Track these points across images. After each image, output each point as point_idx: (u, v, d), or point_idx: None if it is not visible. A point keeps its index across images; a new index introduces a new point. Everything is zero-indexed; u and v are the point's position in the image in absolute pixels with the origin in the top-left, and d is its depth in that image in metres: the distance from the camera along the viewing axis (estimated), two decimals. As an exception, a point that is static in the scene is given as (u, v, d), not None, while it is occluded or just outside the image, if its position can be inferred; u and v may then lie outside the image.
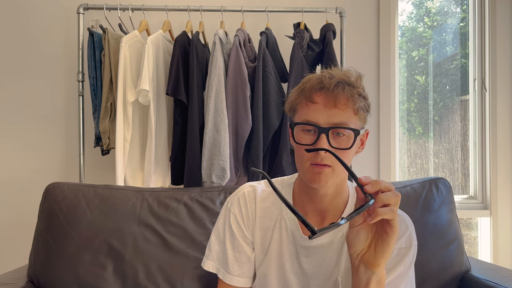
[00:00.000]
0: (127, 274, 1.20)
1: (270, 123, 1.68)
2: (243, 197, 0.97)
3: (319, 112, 0.80)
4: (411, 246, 0.84)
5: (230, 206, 0.98)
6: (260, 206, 0.96)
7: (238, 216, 0.96)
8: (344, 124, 0.79)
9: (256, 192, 0.97)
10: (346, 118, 0.80)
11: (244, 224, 0.95)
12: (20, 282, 1.21)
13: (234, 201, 0.98)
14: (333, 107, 0.79)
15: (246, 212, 0.96)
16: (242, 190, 0.99)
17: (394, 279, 0.81)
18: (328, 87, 0.80)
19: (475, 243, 2.31)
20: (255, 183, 1.01)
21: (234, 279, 0.94)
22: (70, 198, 1.27)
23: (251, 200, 0.96)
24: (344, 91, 0.79)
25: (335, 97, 0.79)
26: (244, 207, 0.96)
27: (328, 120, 0.79)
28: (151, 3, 1.94)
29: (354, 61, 2.05)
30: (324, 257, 0.88)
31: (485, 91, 2.18)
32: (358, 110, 0.81)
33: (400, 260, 0.83)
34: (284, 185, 0.98)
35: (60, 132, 2.04)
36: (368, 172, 2.11)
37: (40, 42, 2.03)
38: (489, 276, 1.24)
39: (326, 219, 0.89)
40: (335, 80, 0.80)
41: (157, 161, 1.72)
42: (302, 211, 0.91)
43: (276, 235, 0.93)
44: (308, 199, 0.90)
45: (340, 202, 0.89)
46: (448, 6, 2.34)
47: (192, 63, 1.65)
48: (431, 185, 1.36)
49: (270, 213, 0.95)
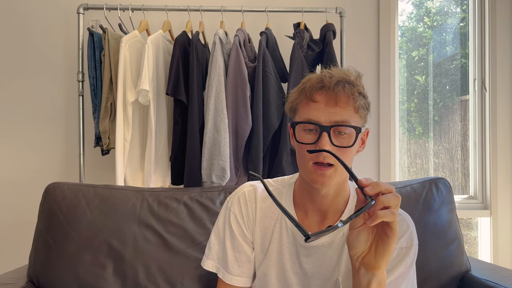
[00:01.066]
0: (127, 274, 1.20)
1: (270, 123, 1.68)
2: (243, 196, 0.97)
3: (320, 110, 0.80)
4: (412, 245, 0.84)
5: (230, 206, 0.98)
6: (261, 206, 0.95)
7: (238, 215, 0.96)
8: (346, 122, 0.79)
9: (256, 191, 0.97)
10: (348, 116, 0.80)
11: (244, 223, 0.95)
12: (20, 282, 1.21)
13: (234, 201, 0.98)
14: (334, 106, 0.79)
15: (246, 212, 0.96)
16: (243, 189, 0.99)
17: (395, 279, 0.81)
18: (328, 85, 0.80)
19: (475, 243, 2.31)
20: (256, 183, 1.00)
21: (234, 278, 0.94)
22: (70, 198, 1.27)
23: (251, 200, 0.96)
24: (345, 89, 0.80)
25: (336, 96, 0.79)
26: (244, 207, 0.96)
27: (329, 119, 0.79)
28: (151, 3, 1.94)
29: (354, 61, 2.05)
30: (324, 257, 0.88)
31: (485, 91, 2.18)
32: (358, 108, 0.81)
33: (401, 259, 0.83)
34: (284, 185, 0.98)
35: (60, 132, 2.04)
36: (368, 172, 2.11)
37: (40, 42, 2.03)
38: (489, 276, 1.24)
39: (327, 219, 0.89)
40: (335, 79, 0.81)
41: (157, 161, 1.72)
42: (303, 210, 0.91)
43: (276, 235, 0.93)
44: (309, 199, 0.90)
45: (340, 202, 0.89)
46: (448, 6, 2.34)
47: (192, 63, 1.65)
48: (431, 185, 1.36)
49: (271, 213, 0.95)
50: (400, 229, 0.85)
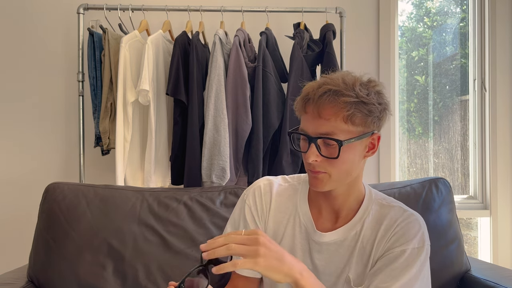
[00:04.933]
0: (127, 274, 1.20)
1: (270, 123, 1.68)
2: (259, 190, 1.00)
3: (308, 122, 0.84)
4: (423, 246, 0.85)
5: (245, 198, 1.01)
6: (275, 200, 0.98)
7: (252, 207, 0.99)
8: (329, 134, 0.81)
9: (272, 185, 1.00)
10: (332, 127, 0.81)
11: (258, 216, 0.98)
12: (20, 282, 1.21)
13: (249, 193, 1.01)
14: (318, 118, 0.82)
15: (261, 205, 0.99)
16: (259, 183, 1.02)
17: (408, 280, 0.81)
18: (313, 98, 0.82)
19: (475, 243, 2.31)
20: (272, 178, 1.04)
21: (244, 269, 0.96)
22: (70, 198, 1.27)
23: (266, 193, 0.99)
24: (330, 101, 0.80)
25: (318, 108, 0.81)
26: (259, 199, 0.99)
27: (315, 130, 0.82)
28: (151, 3, 1.94)
29: (354, 61, 2.05)
30: (336, 254, 0.90)
31: (485, 91, 2.18)
32: (349, 117, 0.80)
33: (413, 260, 0.83)
34: (300, 181, 1.01)
35: (60, 132, 2.04)
36: (368, 172, 2.11)
37: (40, 42, 2.03)
38: (489, 276, 1.24)
39: (340, 217, 0.92)
40: (321, 90, 0.81)
41: (157, 161, 1.72)
42: (317, 208, 0.94)
43: (289, 230, 0.95)
44: (323, 198, 0.93)
45: (353, 202, 0.92)
46: (448, 6, 2.34)
47: (192, 63, 1.65)
48: (431, 185, 1.36)
49: (285, 208, 0.97)
50: (412, 230, 0.86)
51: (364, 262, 0.88)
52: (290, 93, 1.67)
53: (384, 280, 0.81)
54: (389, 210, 0.90)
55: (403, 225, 0.86)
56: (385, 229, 0.87)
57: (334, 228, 0.92)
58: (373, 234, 0.88)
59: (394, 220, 0.88)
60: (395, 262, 0.82)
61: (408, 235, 0.85)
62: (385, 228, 0.87)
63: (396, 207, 0.91)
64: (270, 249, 0.71)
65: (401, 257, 0.82)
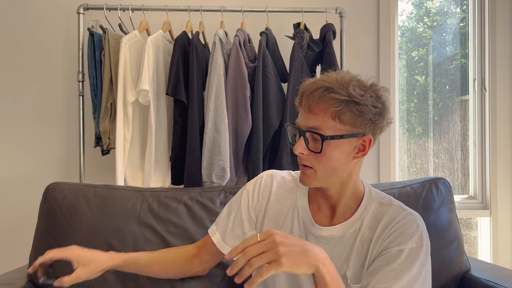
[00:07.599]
0: (127, 274, 1.20)
1: (270, 123, 1.68)
2: (260, 181, 1.05)
3: (301, 115, 0.88)
4: (422, 245, 0.84)
5: (247, 186, 1.07)
6: (276, 191, 1.02)
7: (250, 195, 1.04)
8: (316, 129, 0.84)
9: (274, 178, 1.05)
10: (320, 122, 0.83)
11: (253, 204, 1.03)
12: (20, 282, 1.20)
13: (251, 182, 1.07)
14: (308, 112, 0.85)
15: (258, 196, 1.03)
16: (262, 175, 1.07)
17: (408, 281, 0.81)
18: (306, 93, 0.85)
19: (475, 243, 2.32)
20: (278, 171, 1.08)
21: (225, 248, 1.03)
22: (70, 198, 1.27)
23: (267, 185, 1.04)
24: (320, 96, 0.83)
25: (309, 103, 0.84)
26: (257, 190, 1.04)
27: (304, 123, 0.86)
28: (151, 3, 1.94)
29: (354, 61, 2.06)
30: (334, 250, 0.90)
31: (485, 91, 2.18)
32: (336, 114, 0.82)
33: (413, 260, 0.83)
34: None
35: (60, 132, 2.04)
36: (368, 172, 2.11)
37: (40, 42, 2.03)
38: (489, 276, 1.24)
39: (336, 215, 0.93)
40: (316, 86, 0.84)
41: (157, 161, 1.72)
42: (316, 204, 0.97)
43: (288, 222, 0.98)
44: (321, 194, 0.95)
45: (350, 201, 0.93)
46: (448, 6, 2.34)
47: (192, 63, 1.65)
48: (431, 185, 1.36)
49: (284, 201, 1.00)
50: (410, 229, 0.86)
51: (361, 260, 0.88)
52: (290, 93, 1.67)
53: (383, 281, 0.81)
54: (388, 208, 0.91)
55: (401, 224, 0.87)
56: (382, 228, 0.88)
57: (332, 224, 0.93)
58: (371, 233, 0.89)
59: (392, 219, 0.88)
60: (393, 263, 0.82)
61: (405, 234, 0.85)
62: (383, 227, 0.88)
63: (395, 205, 0.92)
64: (290, 245, 0.72)
65: (400, 257, 0.82)
